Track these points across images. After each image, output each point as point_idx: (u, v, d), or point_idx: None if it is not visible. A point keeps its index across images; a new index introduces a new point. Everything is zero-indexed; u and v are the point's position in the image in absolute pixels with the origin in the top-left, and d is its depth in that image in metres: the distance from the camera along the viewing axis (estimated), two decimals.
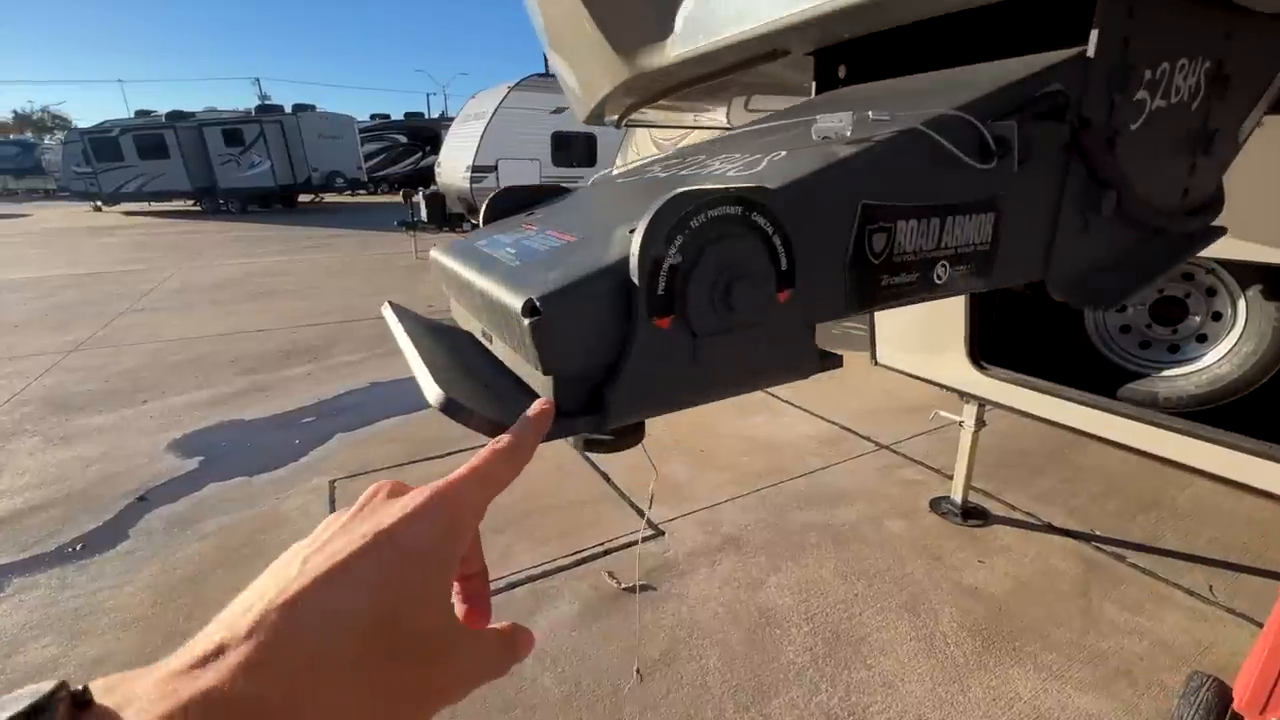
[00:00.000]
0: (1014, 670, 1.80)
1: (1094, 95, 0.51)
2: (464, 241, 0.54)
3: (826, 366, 0.43)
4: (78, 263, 9.91)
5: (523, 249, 0.43)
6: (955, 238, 0.47)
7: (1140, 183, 0.58)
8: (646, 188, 0.53)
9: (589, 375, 0.35)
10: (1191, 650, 1.87)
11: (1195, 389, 1.89)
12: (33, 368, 4.60)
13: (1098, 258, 0.58)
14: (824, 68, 0.79)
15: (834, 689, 1.74)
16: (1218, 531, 2.47)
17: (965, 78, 0.55)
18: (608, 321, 0.33)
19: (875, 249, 0.43)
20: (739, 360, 0.38)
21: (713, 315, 0.34)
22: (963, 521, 2.53)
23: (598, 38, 0.92)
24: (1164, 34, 0.55)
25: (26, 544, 2.46)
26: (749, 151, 0.51)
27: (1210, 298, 1.92)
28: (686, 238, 0.33)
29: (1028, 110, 0.47)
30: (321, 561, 0.27)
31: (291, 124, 19.96)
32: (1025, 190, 0.50)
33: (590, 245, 0.38)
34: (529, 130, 9.78)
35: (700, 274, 0.33)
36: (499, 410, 0.34)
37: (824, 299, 0.42)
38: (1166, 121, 0.58)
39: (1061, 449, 3.12)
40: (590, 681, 1.77)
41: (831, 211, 0.40)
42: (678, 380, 0.36)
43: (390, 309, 0.53)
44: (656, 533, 2.48)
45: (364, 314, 6.16)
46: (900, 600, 2.09)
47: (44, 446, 3.32)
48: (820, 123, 0.45)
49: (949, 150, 0.43)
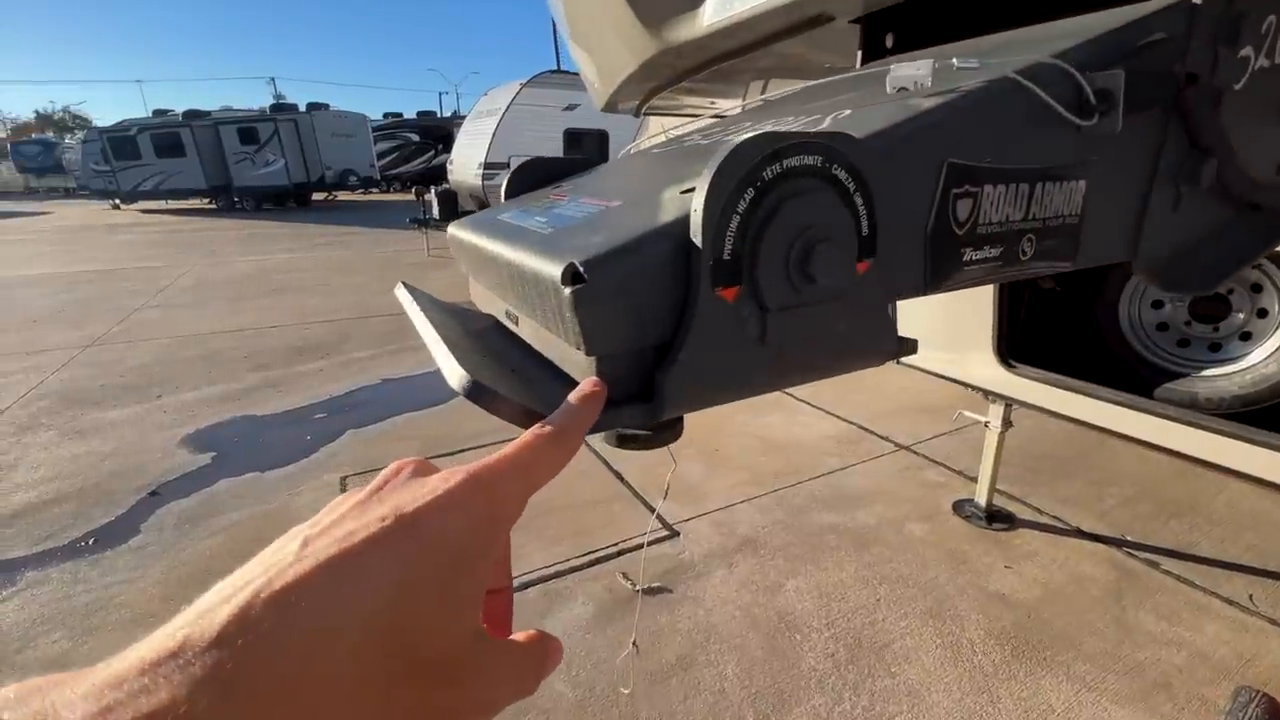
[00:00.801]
0: (1046, 681, 1.73)
1: (1199, 48, 0.45)
2: (486, 214, 0.49)
3: (905, 352, 0.38)
4: (95, 259, 10.03)
5: (555, 217, 0.38)
6: (1044, 208, 0.41)
7: (1239, 151, 0.52)
8: (694, 151, 0.48)
9: (639, 357, 0.29)
10: (1233, 662, 1.79)
11: (1239, 389, 1.80)
12: (49, 362, 4.64)
13: (1189, 236, 0.52)
14: (871, 36, 0.73)
15: (857, 698, 1.68)
16: (1256, 538, 2.37)
17: (1049, 31, 0.49)
18: (663, 291, 0.28)
19: (959, 217, 0.37)
20: (814, 340, 0.32)
21: (788, 285, 0.29)
22: (988, 525, 2.45)
23: (624, 10, 0.86)
24: None
25: (40, 537, 2.46)
26: (806, 113, 0.46)
27: (1255, 294, 1.83)
28: (759, 189, 0.27)
29: (1130, 61, 0.41)
30: (326, 546, 0.22)
31: (306, 123, 20.10)
32: (1119, 156, 0.44)
33: (638, 208, 0.33)
34: (541, 127, 9.74)
35: (775, 235, 0.28)
36: (531, 395, 0.29)
37: (903, 272, 0.36)
38: (1270, 83, 0.52)
39: (1088, 451, 3.03)
40: (604, 686, 1.72)
41: (914, 171, 0.35)
42: (744, 363, 0.30)
43: (404, 289, 0.48)
44: (671, 533, 2.43)
45: (376, 310, 6.16)
46: (924, 606, 2.03)
47: (59, 440, 3.32)
48: (895, 71, 0.39)
49: (1047, 104, 0.37)
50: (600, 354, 0.29)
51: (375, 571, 0.21)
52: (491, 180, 9.58)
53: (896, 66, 0.40)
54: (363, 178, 22.71)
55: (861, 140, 0.31)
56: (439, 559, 0.22)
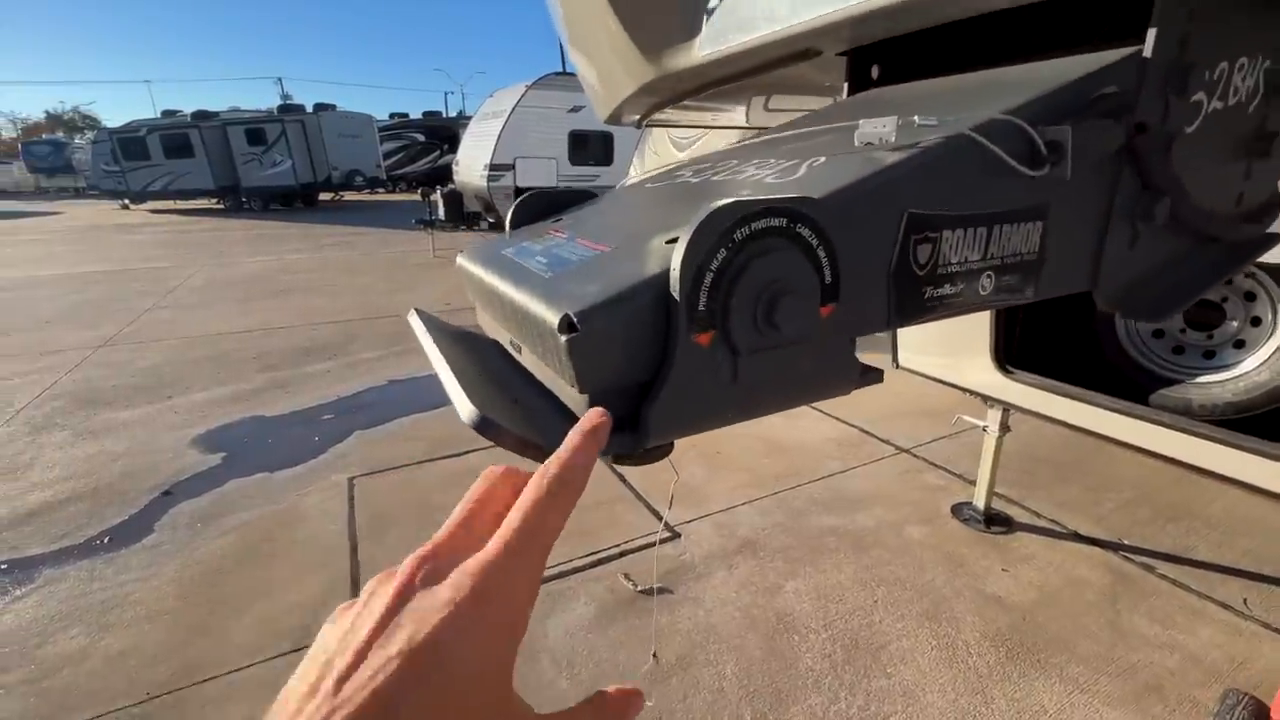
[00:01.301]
0: (1039, 682, 1.76)
1: (1150, 97, 0.48)
2: (491, 248, 0.53)
3: (868, 382, 0.42)
4: (106, 259, 10.14)
5: (554, 259, 0.42)
6: (1002, 248, 0.45)
7: (1194, 188, 0.55)
8: (681, 194, 0.52)
9: (626, 392, 0.33)
10: (1225, 666, 1.82)
11: (1232, 396, 1.83)
12: (63, 362, 4.72)
13: (1148, 267, 0.56)
14: (857, 68, 0.77)
15: (853, 697, 1.72)
16: (1252, 543, 2.39)
17: (1009, 79, 0.53)
18: (647, 337, 0.32)
19: (920, 260, 0.41)
20: (781, 377, 0.36)
21: (756, 332, 0.33)
22: (986, 528, 2.48)
23: (622, 38, 0.91)
24: (1224, 33, 0.52)
25: (56, 536, 2.52)
26: (785, 156, 0.49)
27: (1249, 302, 1.86)
28: (730, 251, 0.31)
29: (1082, 114, 0.45)
30: (359, 691, 0.22)
31: (313, 123, 20.24)
32: (1075, 198, 0.48)
33: (626, 256, 0.37)
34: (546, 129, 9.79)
35: (744, 289, 0.32)
36: (532, 429, 0.33)
37: (866, 312, 0.40)
38: (1223, 124, 0.55)
39: (1086, 456, 3.05)
40: (606, 684, 1.76)
41: (876, 221, 0.39)
42: (718, 398, 0.34)
43: (417, 316, 0.52)
44: (673, 535, 2.47)
45: (382, 311, 6.22)
46: (921, 608, 2.06)
47: (73, 440, 3.39)
48: (863, 128, 0.43)
49: (999, 157, 0.41)
50: (590, 391, 0.33)
51: (407, 714, 0.22)
52: (497, 181, 9.65)
53: (865, 122, 0.44)
54: (369, 178, 22.84)
55: (822, 200, 0.35)
56: (465, 687, 0.24)
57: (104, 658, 1.88)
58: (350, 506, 2.71)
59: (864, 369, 0.42)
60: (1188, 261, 0.59)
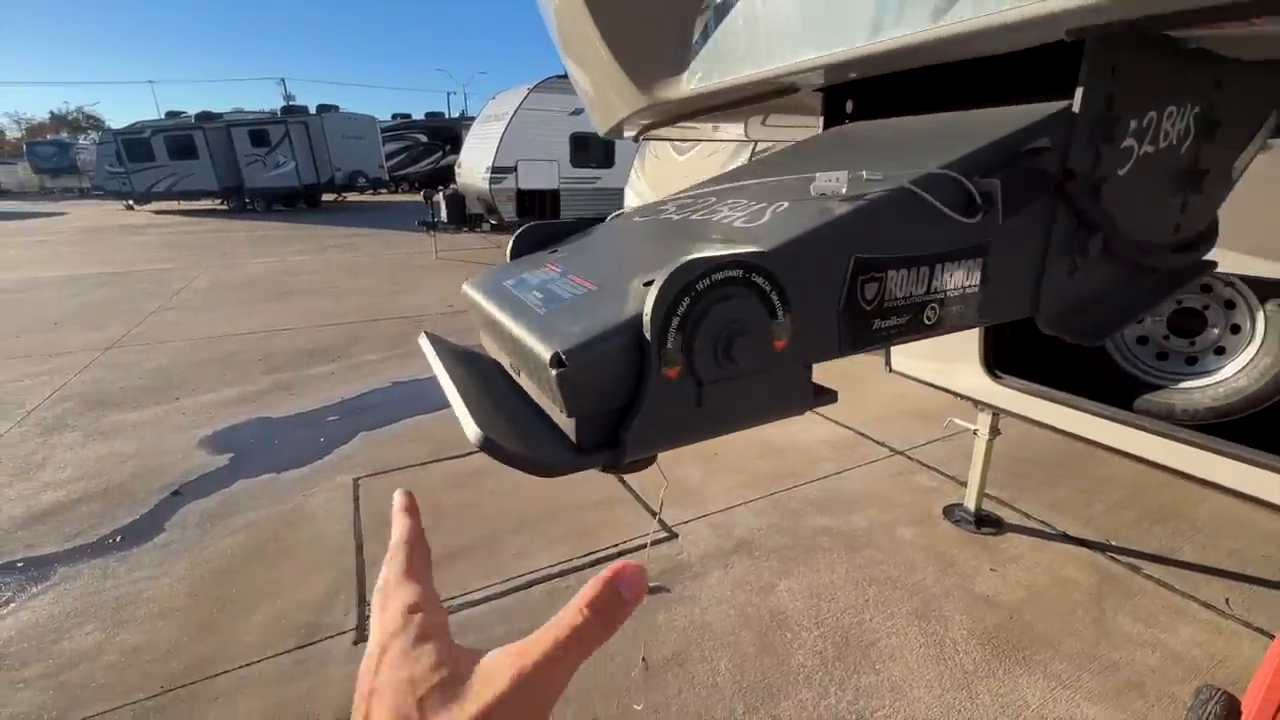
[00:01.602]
0: (1023, 679, 1.82)
1: (1080, 146, 0.54)
2: (493, 278, 0.59)
3: (821, 403, 0.48)
4: (111, 261, 10.23)
5: (549, 295, 0.48)
6: (944, 282, 0.51)
7: (1129, 223, 0.61)
8: (662, 233, 0.57)
9: (607, 415, 0.39)
10: (1205, 663, 1.87)
11: (1212, 402, 1.88)
12: (72, 364, 4.79)
13: (1086, 295, 0.61)
14: (832, 102, 0.82)
15: (842, 692, 1.77)
16: (1237, 544, 2.44)
17: (958, 126, 0.59)
18: (624, 371, 0.38)
19: (867, 296, 0.47)
20: (740, 402, 0.42)
21: (716, 366, 0.39)
22: (976, 529, 2.53)
23: (614, 68, 0.97)
24: (1150, 87, 0.58)
25: (69, 535, 2.59)
26: (755, 198, 0.55)
27: (1229, 310, 1.91)
28: (693, 298, 0.37)
29: (1014, 165, 0.51)
30: None
31: (316, 125, 20.33)
32: (1013, 236, 0.54)
33: (609, 297, 0.43)
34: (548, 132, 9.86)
35: (705, 330, 0.38)
36: (530, 448, 0.39)
37: (819, 343, 0.46)
38: (1155, 165, 0.61)
39: (1077, 458, 3.10)
40: (604, 680, 1.82)
41: (826, 265, 0.45)
42: (685, 421, 0.40)
43: (427, 340, 0.58)
44: (670, 535, 2.53)
45: (386, 313, 6.29)
46: (911, 606, 2.11)
47: (84, 441, 3.46)
48: (818, 180, 0.49)
49: (936, 207, 0.47)
50: (576, 415, 0.39)
51: None
52: (499, 184, 9.72)
53: (820, 176, 0.49)
54: (371, 179, 22.93)
55: (773, 252, 0.41)
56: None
57: (119, 652, 1.95)
58: (355, 507, 2.78)
59: (818, 390, 0.47)
60: (1126, 287, 0.65)
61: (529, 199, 10.11)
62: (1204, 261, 0.70)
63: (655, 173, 6.91)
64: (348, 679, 1.82)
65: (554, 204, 10.40)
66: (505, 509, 2.70)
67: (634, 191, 7.29)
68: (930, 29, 0.52)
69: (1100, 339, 0.60)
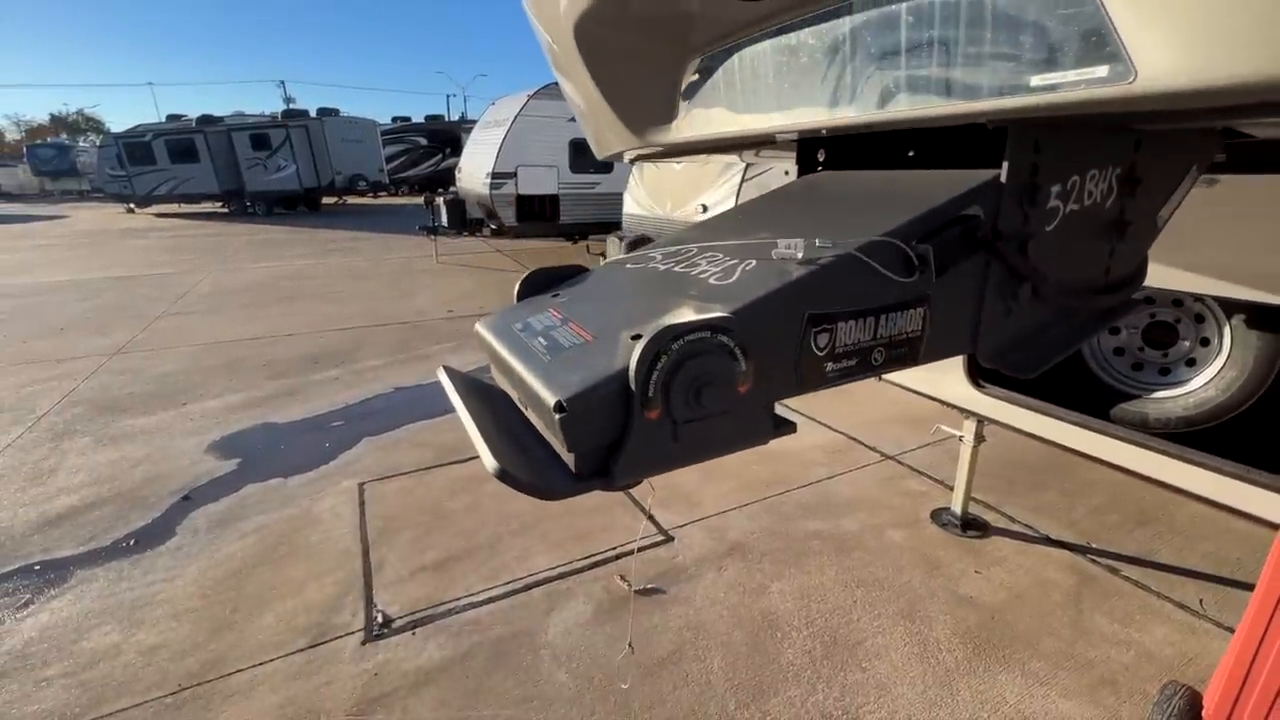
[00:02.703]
0: (1002, 676, 1.90)
1: (1008, 210, 0.63)
2: (502, 320, 0.68)
3: (781, 434, 0.56)
4: (114, 265, 10.31)
5: (552, 343, 0.57)
6: (889, 329, 0.60)
7: (1059, 270, 0.70)
8: (648, 286, 0.66)
9: (599, 450, 0.48)
10: (1177, 661, 1.96)
11: (1183, 411, 1.97)
12: (79, 369, 4.87)
13: (1022, 333, 0.70)
14: (805, 152, 0.91)
15: (830, 690, 1.86)
16: (1214, 546, 2.53)
17: (907, 186, 0.67)
18: (614, 413, 0.47)
19: (820, 345, 0.56)
20: (710, 437, 0.51)
21: (688, 409, 0.48)
22: (962, 533, 2.62)
23: (608, 113, 1.05)
24: (1072, 154, 0.66)
25: (84, 539, 2.67)
26: (729, 255, 0.64)
27: (1199, 324, 2.00)
28: (670, 356, 0.46)
29: (948, 230, 0.60)
30: None
31: (316, 128, 20.44)
32: (951, 287, 0.62)
33: (602, 348, 0.52)
34: (548, 138, 9.94)
35: (679, 382, 0.46)
36: (536, 475, 0.48)
37: (778, 384, 0.54)
38: (1081, 220, 0.70)
39: (1064, 462, 3.18)
40: (602, 677, 1.91)
41: (783, 320, 0.53)
42: (664, 454, 0.49)
43: (444, 374, 0.67)
44: (666, 538, 2.61)
45: (388, 318, 6.37)
46: (897, 607, 2.20)
47: (94, 446, 3.55)
48: (780, 247, 0.58)
49: (877, 270, 0.56)
50: (575, 451, 0.47)
51: None
52: (499, 189, 9.80)
53: (781, 242, 0.58)
54: (372, 182, 23.04)
55: (736, 314, 0.49)
56: None
57: (137, 652, 2.03)
58: (361, 511, 2.86)
59: (778, 423, 0.56)
60: (1060, 325, 0.74)
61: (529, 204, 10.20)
62: (1131, 300, 0.79)
63: (654, 180, 7.00)
64: (357, 676, 1.91)
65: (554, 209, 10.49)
66: (506, 513, 2.79)
67: (632, 198, 7.39)
68: (876, 113, 0.60)
69: (1034, 372, 0.68)
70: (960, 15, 0.50)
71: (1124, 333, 2.17)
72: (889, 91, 0.58)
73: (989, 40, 0.49)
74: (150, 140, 19.77)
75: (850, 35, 0.60)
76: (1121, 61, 0.42)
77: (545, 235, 11.04)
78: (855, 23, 0.59)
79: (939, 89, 0.53)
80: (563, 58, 1.10)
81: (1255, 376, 1.81)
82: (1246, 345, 1.83)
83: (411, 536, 2.66)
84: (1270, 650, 1.39)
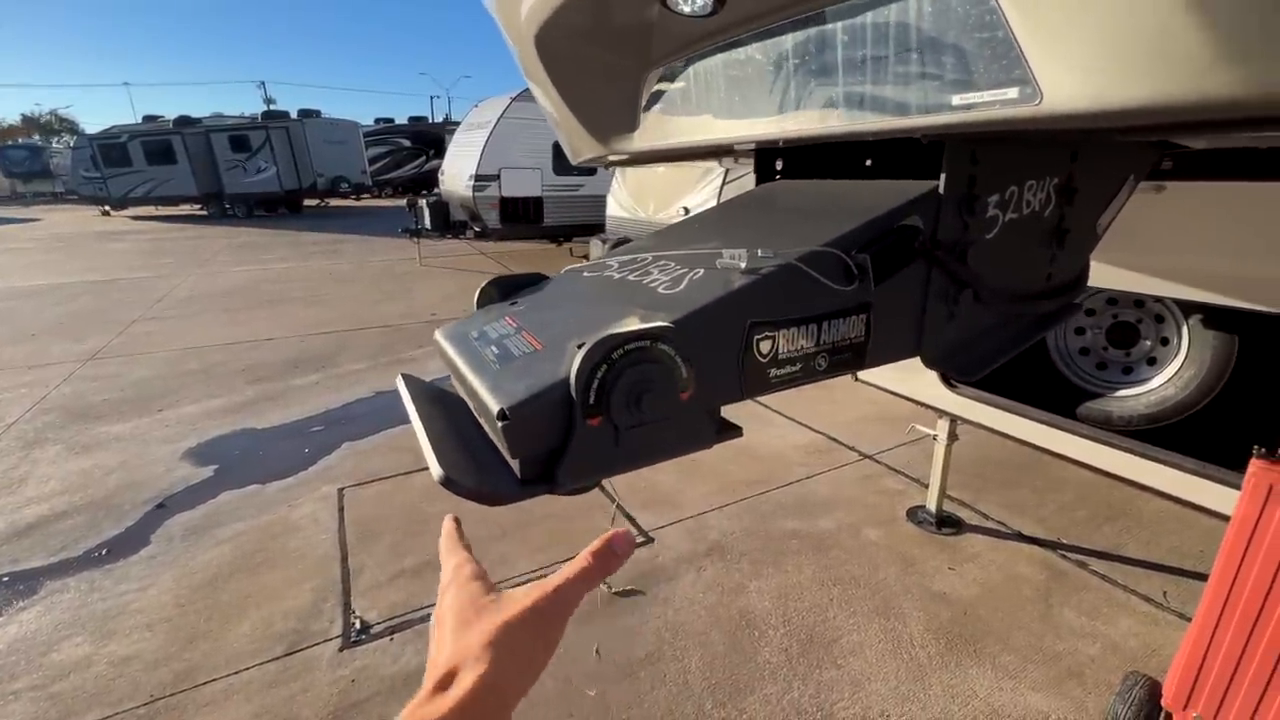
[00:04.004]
0: (973, 670, 1.94)
1: (948, 219, 0.65)
2: (460, 329, 0.69)
3: (725, 438, 0.58)
4: (89, 270, 10.11)
5: (503, 351, 0.58)
6: (832, 336, 0.62)
7: (1000, 276, 0.72)
8: (601, 295, 0.68)
9: (544, 455, 0.50)
10: (1141, 652, 2.01)
11: (1145, 409, 2.03)
12: (52, 376, 4.78)
13: (964, 337, 0.73)
14: (763, 162, 0.93)
15: (805, 686, 1.89)
16: (1178, 540, 2.60)
17: (853, 196, 0.70)
18: (556, 421, 0.48)
19: (762, 351, 0.58)
20: (652, 442, 0.52)
21: (629, 415, 0.49)
22: (937, 530, 2.67)
23: (574, 123, 1.07)
24: (1009, 166, 0.69)
25: (55, 549, 2.62)
26: (680, 264, 0.66)
27: (1159, 324, 2.06)
28: (610, 365, 0.47)
29: (887, 239, 0.62)
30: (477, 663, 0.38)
31: (297, 130, 20.20)
32: (894, 294, 0.65)
33: (549, 356, 0.53)
34: (531, 140, 9.93)
35: (619, 389, 0.48)
36: (481, 481, 0.49)
37: (721, 390, 0.56)
38: (1020, 229, 0.73)
39: (1037, 460, 3.24)
40: (580, 679, 1.91)
41: (725, 328, 0.55)
42: (607, 459, 0.51)
43: (402, 381, 0.68)
44: (647, 539, 2.63)
45: (370, 322, 6.32)
46: (873, 605, 2.24)
47: (66, 455, 3.48)
48: (724, 257, 0.60)
49: (817, 279, 0.58)
50: (518, 457, 0.49)
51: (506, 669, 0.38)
52: (482, 191, 9.78)
53: (726, 252, 0.60)
54: (354, 184, 22.82)
55: (676, 323, 0.51)
56: None
57: (108, 663, 2.00)
58: (340, 516, 2.84)
59: (722, 427, 0.58)
60: (1003, 328, 0.77)
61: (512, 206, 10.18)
62: (1071, 304, 0.82)
63: (636, 183, 7.03)
64: (334, 684, 1.90)
65: (537, 211, 10.48)
66: (487, 517, 2.78)
67: (615, 201, 7.41)
68: (816, 126, 0.63)
69: (976, 375, 0.71)
70: (889, 36, 0.52)
71: (1089, 333, 2.22)
72: (829, 105, 0.60)
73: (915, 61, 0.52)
74: (126, 141, 19.42)
75: (793, 51, 0.62)
76: (1029, 84, 0.45)
77: (529, 238, 11.01)
78: (797, 39, 0.62)
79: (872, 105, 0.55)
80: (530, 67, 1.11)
81: (1211, 375, 1.87)
82: (1203, 344, 1.89)
83: (391, 542, 2.64)
84: (1223, 638, 1.44)
